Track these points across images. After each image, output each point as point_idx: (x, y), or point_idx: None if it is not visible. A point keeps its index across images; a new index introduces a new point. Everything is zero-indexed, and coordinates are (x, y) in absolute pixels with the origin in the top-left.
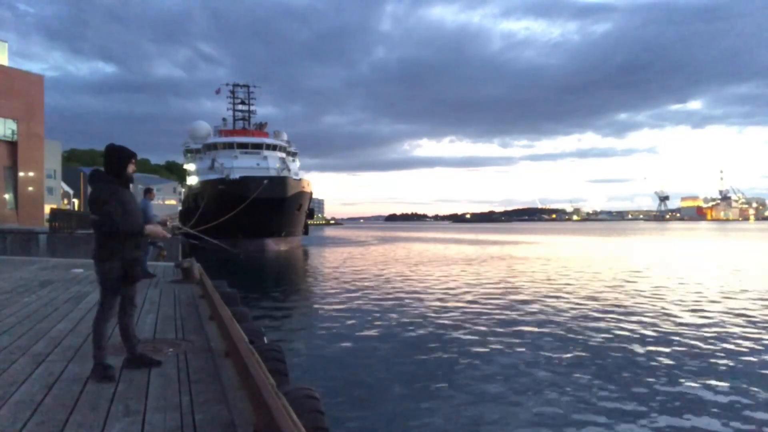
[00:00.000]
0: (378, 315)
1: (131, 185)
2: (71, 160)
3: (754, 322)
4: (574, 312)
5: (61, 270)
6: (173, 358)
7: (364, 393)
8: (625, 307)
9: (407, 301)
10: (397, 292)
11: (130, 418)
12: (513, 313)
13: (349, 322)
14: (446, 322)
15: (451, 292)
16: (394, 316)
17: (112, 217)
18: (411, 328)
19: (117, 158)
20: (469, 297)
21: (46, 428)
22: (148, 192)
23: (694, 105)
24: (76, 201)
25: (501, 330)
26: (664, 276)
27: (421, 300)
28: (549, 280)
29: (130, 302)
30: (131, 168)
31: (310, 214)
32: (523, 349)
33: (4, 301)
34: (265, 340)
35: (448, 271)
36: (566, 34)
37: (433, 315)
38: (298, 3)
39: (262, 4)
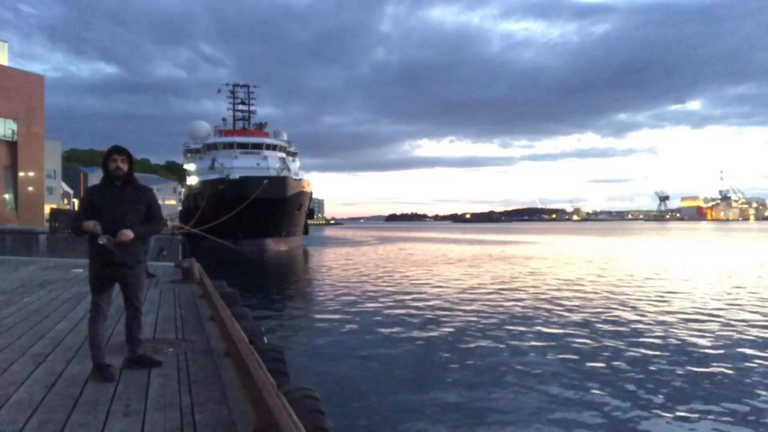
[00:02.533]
0: (378, 315)
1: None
2: (71, 160)
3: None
4: (575, 312)
5: (61, 270)
6: (173, 358)
7: (364, 393)
8: (628, 306)
9: (408, 301)
10: (398, 291)
11: (130, 418)
12: (514, 312)
13: (350, 322)
14: (447, 321)
15: (451, 291)
16: (395, 315)
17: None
18: (411, 327)
19: (102, 159)
20: (470, 297)
21: (46, 428)
22: None
23: (694, 105)
24: (76, 201)
25: (503, 330)
26: (666, 275)
27: (421, 300)
28: (550, 279)
29: (128, 303)
30: (111, 164)
31: (310, 214)
32: (525, 349)
33: (4, 301)
34: (265, 340)
35: (449, 270)
36: (565, 34)
37: (433, 314)
38: (299, 4)
39: (263, 5)
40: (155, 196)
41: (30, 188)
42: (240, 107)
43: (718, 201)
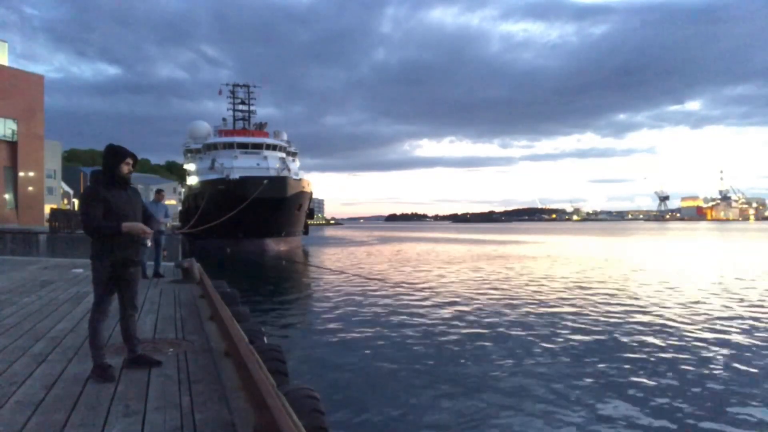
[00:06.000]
0: (379, 315)
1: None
2: (71, 160)
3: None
4: (579, 312)
5: (61, 270)
6: (173, 358)
7: (364, 393)
8: (631, 306)
9: (408, 300)
10: (398, 291)
11: (130, 418)
12: (517, 313)
13: (350, 322)
14: (448, 321)
15: (452, 291)
16: (395, 315)
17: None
18: (412, 327)
19: (109, 158)
20: (471, 297)
21: (46, 428)
22: (157, 193)
23: (693, 106)
24: (76, 201)
25: (504, 330)
26: (669, 275)
27: (422, 300)
28: (552, 279)
29: (129, 303)
30: (125, 168)
31: (310, 214)
32: (528, 350)
33: (4, 301)
34: (265, 340)
35: (450, 270)
36: (564, 36)
37: (434, 315)
38: (300, 6)
39: (265, 6)
40: None
41: (30, 188)
42: (240, 107)
43: (718, 201)
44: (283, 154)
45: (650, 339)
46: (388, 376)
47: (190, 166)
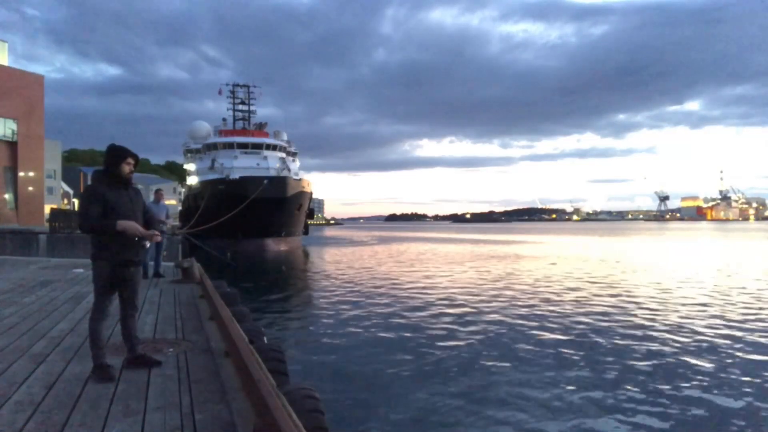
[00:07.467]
0: (379, 315)
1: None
2: (71, 160)
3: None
4: (580, 312)
5: (61, 270)
6: (173, 358)
7: (364, 393)
8: (632, 306)
9: (408, 300)
10: (398, 291)
11: (130, 418)
12: (518, 312)
13: (350, 322)
14: (449, 321)
15: (453, 291)
16: (396, 315)
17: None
18: (413, 327)
19: (110, 157)
20: (471, 297)
21: (46, 428)
22: (156, 193)
23: (692, 106)
24: (76, 201)
25: (505, 330)
26: (671, 275)
27: (422, 300)
28: (553, 279)
29: (129, 303)
30: (126, 168)
31: (310, 214)
32: (529, 350)
33: (4, 301)
34: (265, 340)
35: (450, 271)
36: (564, 36)
37: (435, 315)
38: (301, 6)
39: (265, 7)
40: None
41: (30, 188)
42: (240, 107)
43: (718, 201)
44: (283, 154)
45: (650, 338)
46: (389, 375)
47: (190, 166)
